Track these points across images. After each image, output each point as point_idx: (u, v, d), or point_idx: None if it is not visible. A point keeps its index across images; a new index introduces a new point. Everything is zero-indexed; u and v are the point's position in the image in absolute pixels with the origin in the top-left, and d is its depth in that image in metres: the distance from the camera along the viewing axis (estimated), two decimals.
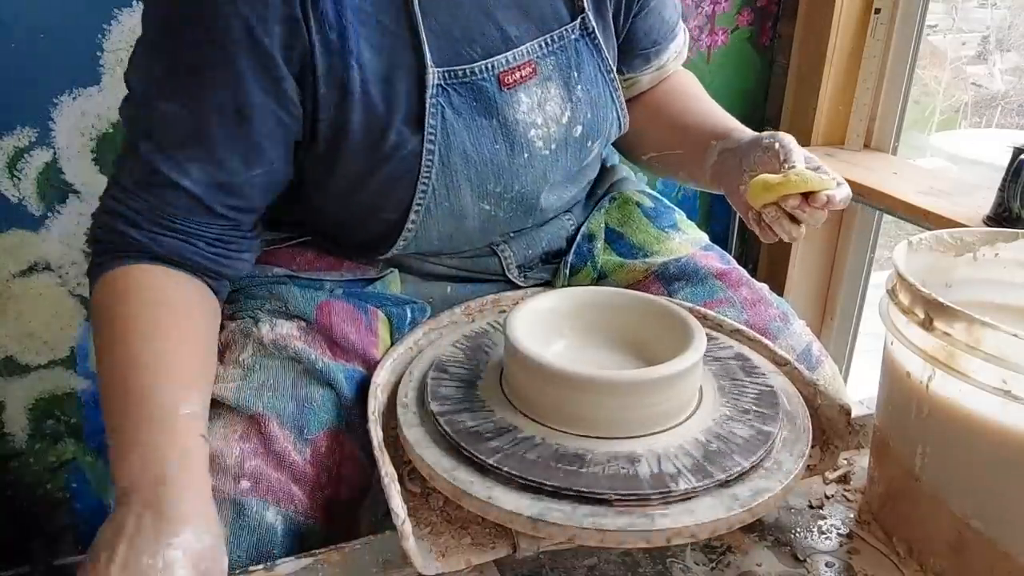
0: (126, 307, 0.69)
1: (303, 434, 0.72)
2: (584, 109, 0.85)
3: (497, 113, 0.79)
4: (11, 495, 1.37)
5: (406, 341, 0.80)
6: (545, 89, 0.82)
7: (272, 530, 0.68)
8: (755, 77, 1.69)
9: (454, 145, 0.78)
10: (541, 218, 0.92)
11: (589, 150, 0.89)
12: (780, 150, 0.76)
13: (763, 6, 1.65)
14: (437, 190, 0.79)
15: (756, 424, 0.67)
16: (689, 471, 0.61)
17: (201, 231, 0.72)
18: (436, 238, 0.84)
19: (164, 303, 0.71)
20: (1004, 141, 1.27)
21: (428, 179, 0.78)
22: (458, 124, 0.77)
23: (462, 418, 0.66)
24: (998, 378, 0.54)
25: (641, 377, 0.64)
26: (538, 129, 0.82)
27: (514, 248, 0.93)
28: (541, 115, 0.82)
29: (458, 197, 0.80)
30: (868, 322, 1.76)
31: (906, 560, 0.65)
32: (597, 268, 0.95)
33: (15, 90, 1.16)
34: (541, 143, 0.82)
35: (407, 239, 0.82)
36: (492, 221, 0.85)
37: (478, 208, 0.82)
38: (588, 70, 0.85)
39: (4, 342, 1.29)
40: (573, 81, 0.84)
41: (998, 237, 0.69)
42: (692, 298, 0.90)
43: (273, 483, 0.69)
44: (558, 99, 0.83)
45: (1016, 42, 2.38)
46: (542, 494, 0.59)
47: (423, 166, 0.77)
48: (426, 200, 0.79)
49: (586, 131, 0.86)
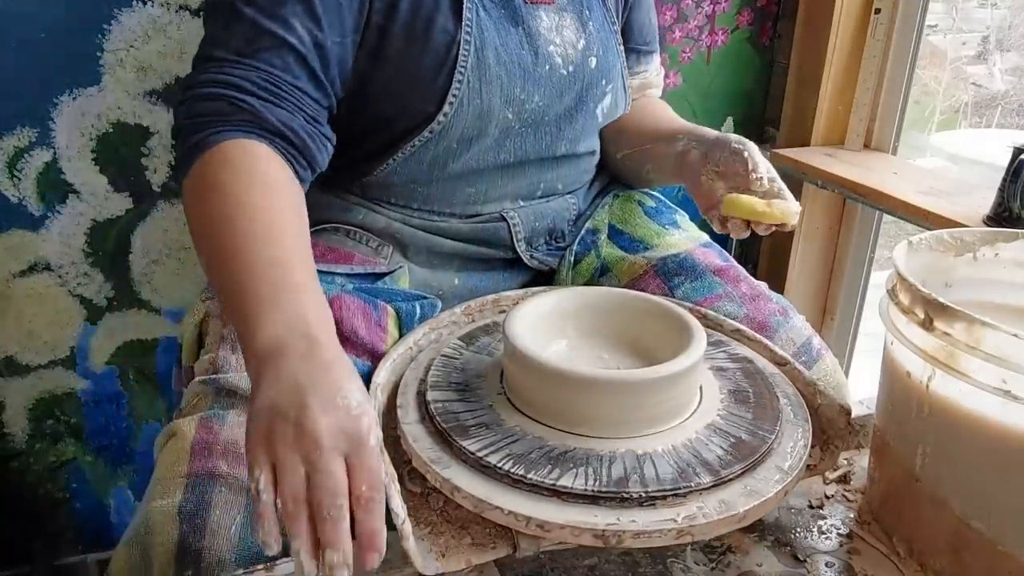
0: (247, 178, 0.68)
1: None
2: (596, 44, 0.94)
3: (523, 22, 0.88)
4: (11, 495, 1.37)
5: (406, 341, 0.80)
6: (561, 17, 0.91)
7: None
8: (755, 77, 1.69)
9: (488, 41, 0.84)
10: (546, 189, 0.96)
11: (603, 90, 0.96)
12: (749, 159, 0.84)
13: (763, 6, 1.64)
14: (471, 83, 0.83)
15: (756, 424, 0.67)
16: (685, 472, 0.61)
17: (302, 104, 0.74)
18: (457, 140, 0.86)
19: (279, 184, 0.70)
20: (1004, 141, 1.27)
21: (464, 69, 0.83)
22: (490, 24, 0.85)
23: (462, 418, 0.66)
24: (998, 378, 0.54)
25: (641, 377, 0.64)
26: (557, 47, 0.90)
27: (522, 217, 0.95)
28: (559, 36, 0.90)
29: (489, 94, 0.85)
30: (868, 322, 1.76)
31: (906, 560, 0.65)
32: (600, 258, 0.98)
33: (15, 90, 1.16)
34: (560, 60, 0.90)
35: (433, 131, 0.84)
36: (509, 137, 0.90)
37: (502, 114, 0.87)
38: (596, 16, 0.95)
39: (4, 342, 1.29)
40: (584, 17, 0.93)
41: (998, 237, 0.69)
42: (692, 293, 0.91)
43: None
44: (573, 28, 0.92)
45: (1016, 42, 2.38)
46: (542, 494, 0.59)
47: (460, 54, 0.82)
48: (461, 92, 0.83)
49: (600, 66, 0.94)
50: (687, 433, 0.66)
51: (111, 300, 1.32)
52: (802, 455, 0.65)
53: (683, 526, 0.57)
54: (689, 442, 0.64)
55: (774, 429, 0.66)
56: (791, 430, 0.69)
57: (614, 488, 0.59)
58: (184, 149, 0.71)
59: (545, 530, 0.57)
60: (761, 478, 0.62)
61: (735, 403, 0.70)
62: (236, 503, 0.66)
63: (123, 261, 1.30)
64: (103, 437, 1.40)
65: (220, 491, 0.66)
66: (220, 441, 0.69)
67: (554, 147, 0.94)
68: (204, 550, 0.64)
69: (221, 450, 0.68)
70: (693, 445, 0.64)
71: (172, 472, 0.67)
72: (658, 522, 0.57)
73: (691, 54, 1.62)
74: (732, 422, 0.67)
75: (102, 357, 1.35)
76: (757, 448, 0.64)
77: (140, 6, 1.17)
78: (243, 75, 0.71)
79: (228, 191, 0.67)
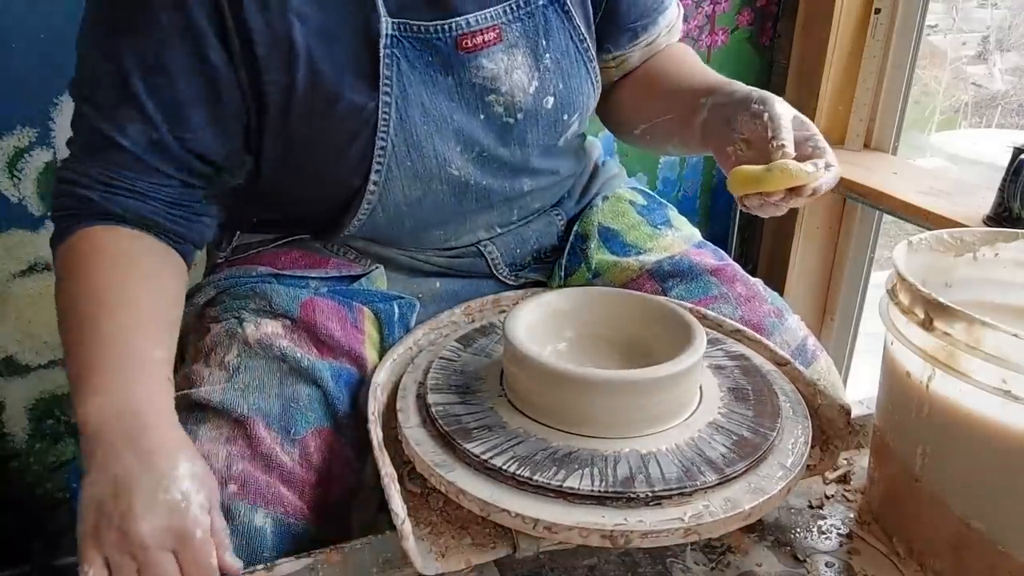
0: (92, 261, 0.70)
1: (290, 435, 0.71)
2: (554, 80, 0.82)
3: (453, 72, 0.77)
4: (11, 495, 1.37)
5: (406, 341, 0.80)
6: (511, 56, 0.79)
7: (261, 532, 0.67)
8: (755, 77, 1.69)
9: (411, 98, 0.76)
10: (521, 212, 0.90)
11: (566, 124, 0.86)
12: (769, 123, 0.72)
13: (763, 6, 1.65)
14: (397, 147, 0.77)
15: (756, 424, 0.67)
16: (690, 470, 0.61)
17: (156, 193, 0.72)
18: (404, 203, 0.81)
19: (129, 257, 0.71)
20: (1004, 141, 1.27)
21: (386, 134, 0.76)
22: (414, 77, 0.75)
23: (462, 419, 0.66)
24: (998, 378, 0.54)
25: (641, 377, 0.64)
26: (500, 96, 0.79)
27: (500, 247, 0.91)
28: (507, 83, 0.79)
29: (420, 155, 0.78)
30: (868, 322, 1.76)
31: (906, 560, 0.65)
32: (592, 268, 0.94)
33: (15, 90, 1.16)
34: (502, 109, 0.80)
35: (371, 203, 0.79)
36: (465, 189, 0.83)
37: (445, 172, 0.80)
38: (558, 39, 0.82)
39: (4, 342, 1.29)
40: (541, 49, 0.81)
41: (998, 237, 0.69)
42: (687, 295, 0.89)
43: (261, 485, 0.68)
44: (525, 67, 0.80)
45: (1016, 42, 2.38)
46: (543, 494, 0.59)
47: (380, 120, 0.75)
48: (386, 159, 0.77)
49: (559, 103, 0.84)
50: (690, 432, 0.66)
51: None
52: (803, 452, 0.65)
53: (690, 525, 0.57)
54: (692, 441, 0.64)
55: (775, 426, 0.66)
56: (791, 427, 0.69)
57: (620, 488, 0.58)
58: (52, 239, 0.73)
59: (553, 532, 0.57)
60: (764, 475, 0.62)
61: (735, 401, 0.70)
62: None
63: None
64: None
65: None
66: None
67: (518, 183, 0.87)
68: None
69: None
70: (696, 443, 0.64)
71: None
72: (665, 521, 0.57)
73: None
74: (733, 420, 0.67)
75: None
76: (760, 445, 0.64)
77: None
78: (89, 171, 0.71)
79: (78, 275, 0.69)
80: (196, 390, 0.72)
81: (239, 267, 0.84)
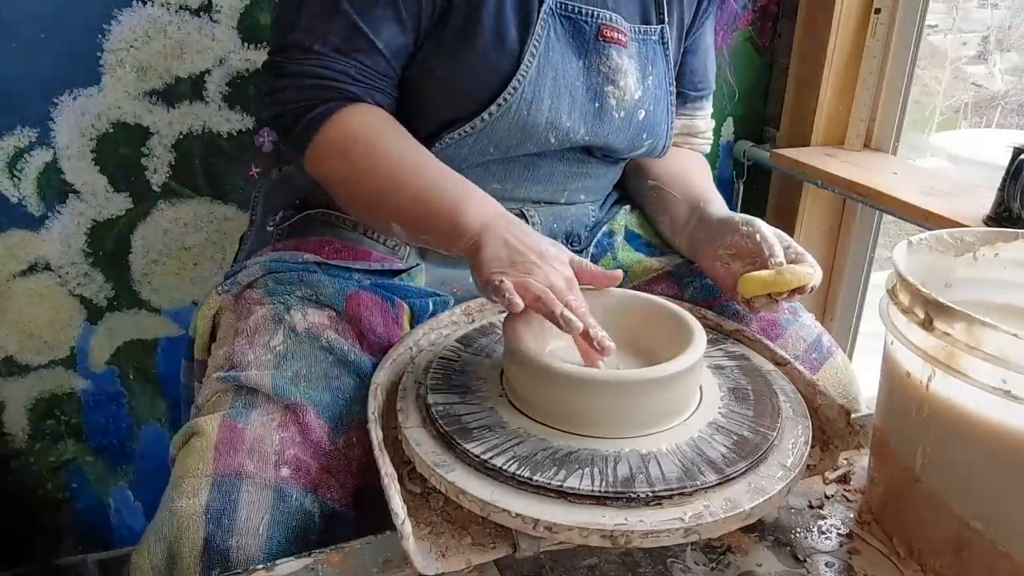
0: (381, 128, 0.82)
1: (338, 424, 0.73)
2: (650, 99, 0.94)
3: (587, 56, 0.89)
4: (11, 495, 1.37)
5: (406, 341, 0.80)
6: (628, 63, 0.91)
7: (311, 516, 0.69)
8: (755, 77, 1.69)
9: (549, 62, 0.85)
10: (569, 197, 0.99)
11: (642, 142, 0.96)
12: (762, 243, 0.82)
13: (763, 6, 1.64)
14: (524, 93, 0.85)
15: (756, 424, 0.67)
16: (690, 470, 0.61)
17: (388, 90, 0.84)
18: (495, 145, 0.88)
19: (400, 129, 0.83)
20: (1004, 141, 1.27)
21: (523, 77, 0.84)
22: (556, 48, 0.86)
23: (464, 421, 0.66)
24: (998, 378, 0.54)
25: (641, 377, 0.65)
26: (614, 89, 0.90)
27: (542, 217, 0.97)
28: (623, 79, 0.91)
29: (536, 111, 0.86)
30: (868, 322, 1.76)
31: (906, 560, 0.65)
32: (617, 260, 1.00)
33: (15, 90, 1.16)
34: (614, 102, 0.91)
35: (470, 133, 0.86)
36: (545, 157, 0.92)
37: (544, 136, 0.88)
38: (659, 71, 0.95)
39: (4, 342, 1.29)
40: (647, 71, 0.94)
41: (998, 237, 0.69)
42: (703, 293, 0.93)
43: (312, 471, 0.70)
44: (634, 76, 0.92)
45: (1016, 42, 2.38)
46: (544, 494, 0.59)
47: (523, 63, 0.84)
48: (512, 98, 0.84)
49: (647, 120, 0.95)
50: (690, 432, 0.66)
51: (111, 300, 1.32)
52: (803, 452, 0.65)
53: (690, 525, 0.57)
54: (692, 441, 0.64)
55: (775, 426, 0.66)
56: (791, 427, 0.69)
57: (621, 488, 0.58)
58: (302, 124, 0.81)
59: (553, 532, 0.57)
60: (764, 475, 0.62)
61: (735, 401, 0.70)
62: (263, 502, 0.67)
63: (123, 261, 1.30)
64: (103, 437, 1.40)
65: (248, 490, 0.67)
66: (245, 440, 0.69)
67: (585, 170, 0.97)
68: (231, 549, 0.65)
69: (247, 449, 0.69)
70: (696, 443, 0.64)
71: (196, 471, 0.68)
72: (665, 521, 0.57)
73: None
74: (733, 420, 0.67)
75: (102, 357, 1.35)
76: (760, 445, 0.64)
77: (140, 6, 1.17)
78: (346, 70, 0.81)
79: (371, 140, 0.81)
80: (245, 373, 0.74)
81: (285, 252, 0.86)
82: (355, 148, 0.80)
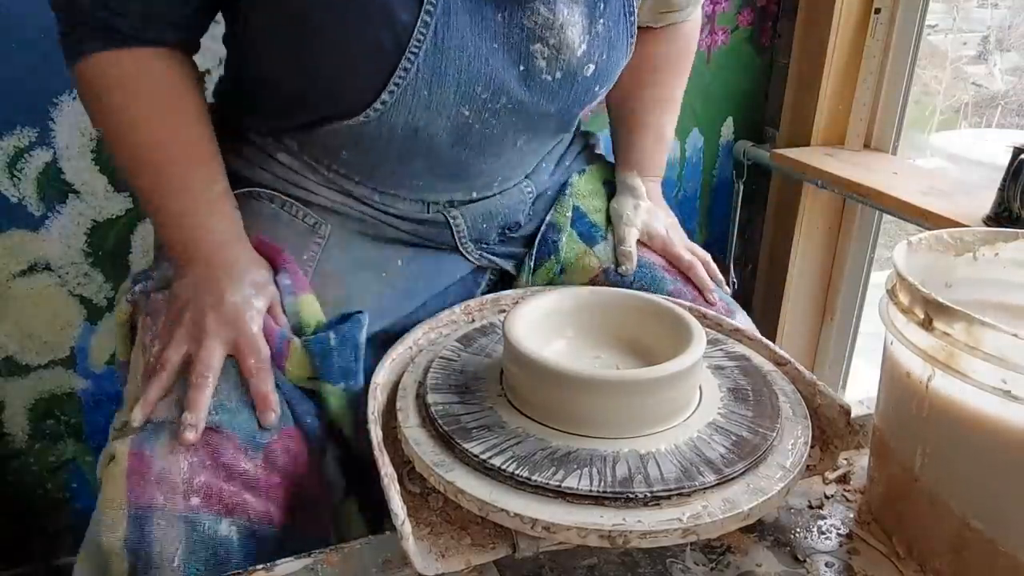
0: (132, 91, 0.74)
1: (254, 440, 0.70)
2: (600, 48, 0.79)
3: (506, 10, 0.73)
4: (11, 495, 1.37)
5: (406, 341, 0.80)
6: (569, 11, 0.75)
7: (228, 541, 0.66)
8: (755, 77, 1.69)
9: (453, 26, 0.70)
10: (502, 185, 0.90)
11: (595, 95, 0.84)
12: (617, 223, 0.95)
13: (763, 6, 1.65)
14: (422, 72, 0.71)
15: (755, 424, 0.67)
16: (689, 471, 0.61)
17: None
18: (401, 128, 0.76)
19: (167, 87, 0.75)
20: (1004, 141, 1.27)
21: (416, 55, 0.70)
22: (462, 6, 0.71)
23: (463, 420, 0.66)
24: (998, 378, 0.54)
25: (641, 377, 0.64)
26: (547, 48, 0.75)
27: (468, 217, 0.89)
28: (557, 36, 0.75)
29: (441, 88, 0.73)
30: (868, 322, 1.76)
31: (906, 560, 0.65)
32: (560, 261, 0.95)
33: (15, 90, 1.16)
34: (543, 64, 0.76)
35: (369, 117, 0.74)
36: (467, 133, 0.79)
37: (456, 110, 0.76)
38: (614, 6, 0.79)
39: (4, 342, 1.29)
40: (597, 14, 0.78)
41: (998, 237, 0.69)
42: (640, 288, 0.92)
43: (224, 495, 0.67)
44: (579, 28, 0.76)
45: (1016, 42, 2.38)
46: (542, 494, 0.59)
47: (414, 39, 0.69)
48: (406, 80, 0.71)
49: (597, 73, 0.81)
50: (689, 432, 0.66)
51: (111, 300, 1.32)
52: (803, 452, 0.65)
53: (688, 525, 0.57)
54: (691, 441, 0.64)
55: (774, 426, 0.66)
56: (791, 427, 0.69)
57: (619, 488, 0.58)
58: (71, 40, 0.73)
59: (551, 532, 0.57)
60: (764, 476, 0.62)
61: (735, 401, 0.70)
62: (175, 534, 0.64)
63: (123, 261, 1.30)
64: (103, 437, 1.39)
65: (159, 524, 0.64)
66: (153, 470, 0.66)
67: (517, 144, 0.84)
68: None
69: (155, 479, 0.65)
70: (695, 444, 0.64)
71: (114, 502, 0.65)
72: (664, 522, 0.57)
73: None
74: (733, 420, 0.67)
75: (102, 357, 1.35)
76: (759, 446, 0.64)
77: None
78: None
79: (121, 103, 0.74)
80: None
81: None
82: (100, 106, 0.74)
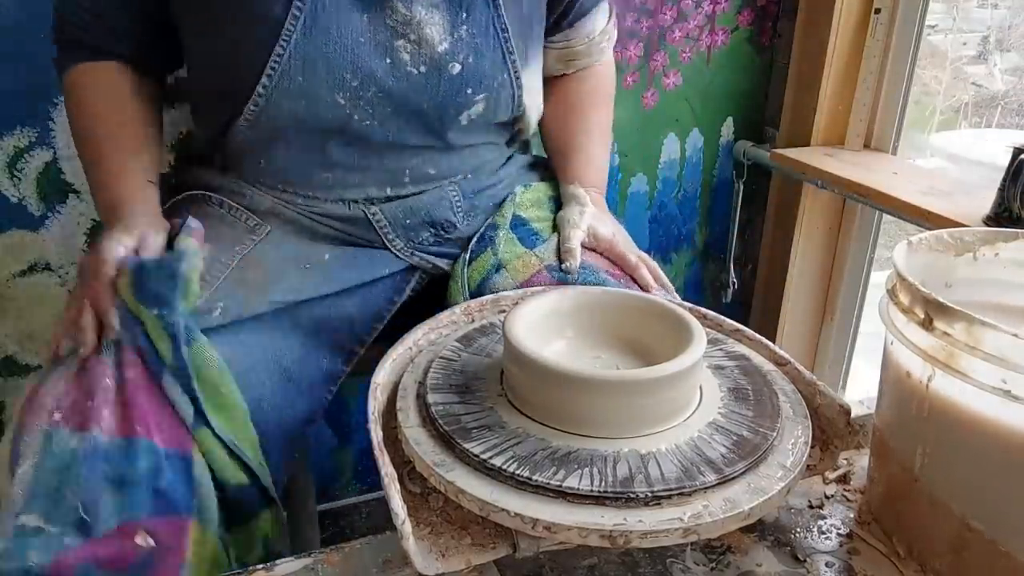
0: (90, 100, 0.88)
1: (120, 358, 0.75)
2: (465, 51, 0.86)
3: (370, 10, 0.81)
4: None
5: (406, 341, 0.80)
6: (429, 13, 0.83)
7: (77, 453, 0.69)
8: (755, 77, 1.69)
9: (320, 21, 0.79)
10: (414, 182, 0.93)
11: (469, 98, 0.89)
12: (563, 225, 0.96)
13: (763, 6, 1.65)
14: (293, 59, 0.80)
15: (756, 424, 0.67)
16: (689, 471, 0.61)
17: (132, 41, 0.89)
18: (287, 117, 0.84)
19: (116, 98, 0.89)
20: (1004, 141, 1.27)
21: (287, 43, 0.79)
22: (331, 4, 0.79)
23: (464, 420, 0.66)
24: (998, 378, 0.54)
25: (641, 377, 0.64)
26: (409, 43, 0.83)
27: (387, 213, 0.93)
28: (417, 32, 0.83)
29: (313, 75, 0.81)
30: (868, 322, 1.76)
31: (906, 560, 0.65)
32: (497, 255, 0.95)
33: (15, 90, 1.16)
34: (408, 57, 0.84)
35: (258, 104, 0.83)
36: (344, 127, 0.86)
37: (332, 99, 0.83)
38: (478, 17, 0.86)
39: (4, 342, 1.29)
40: (459, 19, 0.85)
41: (998, 237, 0.69)
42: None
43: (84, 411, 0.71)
44: (440, 27, 0.84)
45: (1016, 42, 2.38)
46: (543, 494, 0.59)
47: (285, 29, 0.79)
48: (280, 67, 0.80)
49: (465, 74, 0.87)
50: (689, 432, 0.66)
51: None
52: (803, 452, 0.65)
53: (689, 525, 0.57)
54: (692, 440, 0.64)
55: (775, 426, 0.66)
56: (791, 427, 0.69)
57: (620, 488, 0.58)
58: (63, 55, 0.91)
59: (552, 532, 0.57)
60: (764, 475, 0.62)
61: (735, 401, 0.70)
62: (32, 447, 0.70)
63: None
64: None
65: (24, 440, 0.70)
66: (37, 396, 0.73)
67: (408, 139, 0.90)
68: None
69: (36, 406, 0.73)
70: (696, 443, 0.64)
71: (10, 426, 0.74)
72: (664, 521, 0.57)
73: (691, 54, 1.62)
74: (733, 420, 0.67)
75: None
76: (759, 446, 0.64)
77: None
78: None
79: (84, 108, 0.89)
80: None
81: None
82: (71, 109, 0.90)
